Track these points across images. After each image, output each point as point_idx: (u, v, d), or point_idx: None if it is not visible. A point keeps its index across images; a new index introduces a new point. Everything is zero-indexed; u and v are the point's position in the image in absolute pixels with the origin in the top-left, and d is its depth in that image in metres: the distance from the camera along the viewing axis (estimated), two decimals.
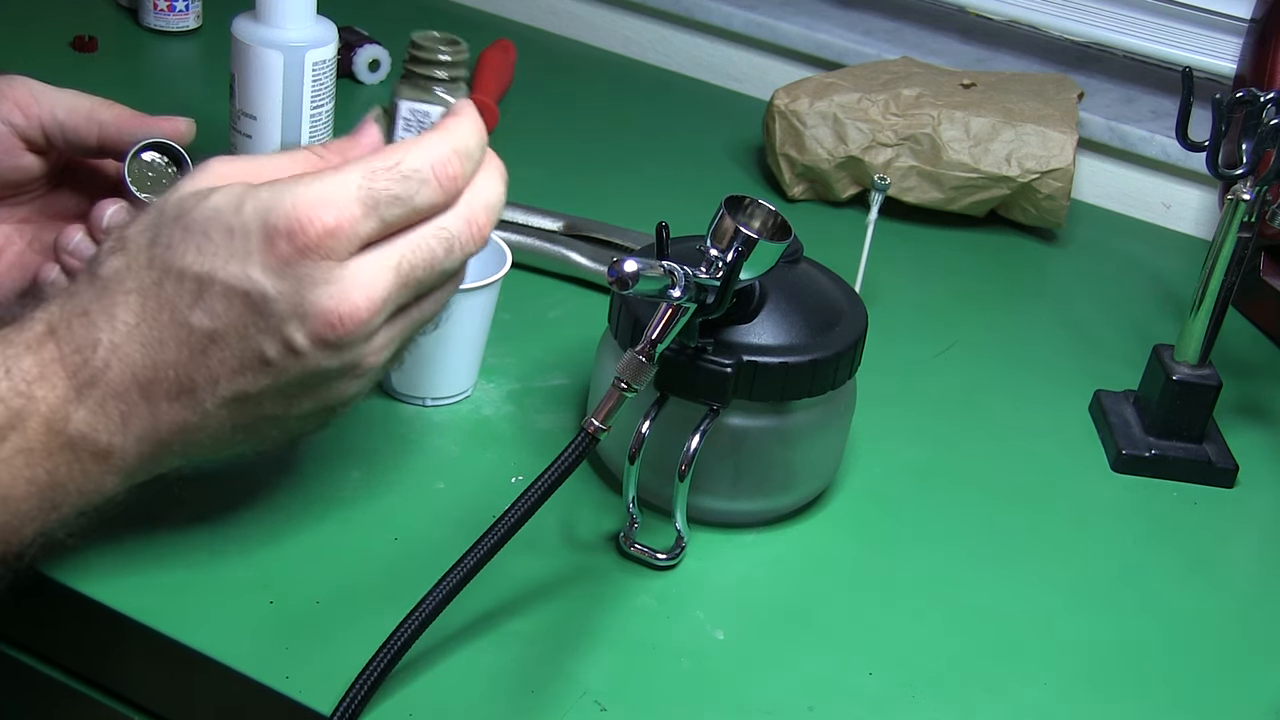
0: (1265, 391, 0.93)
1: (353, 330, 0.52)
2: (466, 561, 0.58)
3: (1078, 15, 1.22)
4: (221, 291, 0.52)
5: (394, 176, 0.52)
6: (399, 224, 0.53)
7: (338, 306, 0.51)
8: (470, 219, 0.55)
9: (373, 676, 0.57)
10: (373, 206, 0.52)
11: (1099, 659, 0.68)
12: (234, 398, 0.53)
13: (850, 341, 0.69)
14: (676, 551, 0.68)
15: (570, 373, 0.82)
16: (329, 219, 0.51)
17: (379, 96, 1.14)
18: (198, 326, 0.52)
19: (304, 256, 0.51)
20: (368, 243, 0.52)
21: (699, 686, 0.62)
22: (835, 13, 1.29)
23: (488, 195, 0.56)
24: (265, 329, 0.52)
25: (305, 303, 0.51)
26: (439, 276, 0.55)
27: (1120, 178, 1.19)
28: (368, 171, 0.52)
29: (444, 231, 0.54)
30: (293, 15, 0.83)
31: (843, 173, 1.06)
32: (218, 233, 0.52)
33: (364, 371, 0.55)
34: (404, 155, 0.53)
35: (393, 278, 0.53)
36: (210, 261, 0.52)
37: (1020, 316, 0.98)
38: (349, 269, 0.52)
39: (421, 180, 0.53)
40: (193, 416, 0.53)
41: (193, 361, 0.53)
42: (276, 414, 0.55)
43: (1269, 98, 0.76)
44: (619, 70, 1.29)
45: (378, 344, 0.54)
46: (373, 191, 0.52)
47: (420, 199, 0.53)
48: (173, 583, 0.62)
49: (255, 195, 0.52)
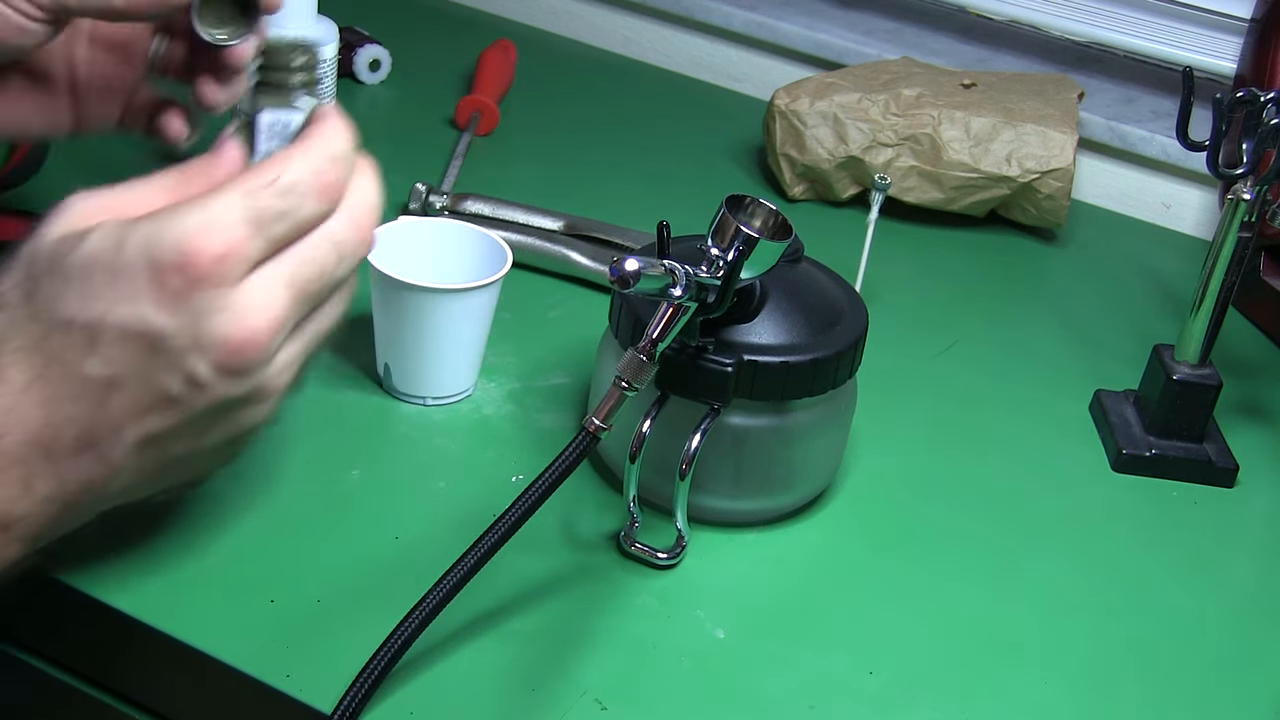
0: (1265, 391, 0.93)
1: (255, 354, 0.51)
2: (467, 561, 0.58)
3: (1078, 15, 1.22)
4: (115, 336, 0.50)
5: (275, 192, 0.51)
6: (286, 239, 0.52)
7: (238, 332, 0.50)
8: (355, 223, 0.54)
9: (373, 675, 0.57)
10: (258, 226, 0.50)
11: (1099, 659, 0.68)
12: (141, 443, 0.51)
13: (851, 341, 0.69)
14: (677, 551, 0.68)
15: (571, 372, 0.82)
16: (217, 245, 0.49)
17: (379, 96, 1.14)
18: (94, 376, 0.50)
19: (197, 287, 0.49)
20: (256, 263, 0.51)
21: (699, 685, 0.62)
22: (835, 13, 1.29)
23: (368, 197, 0.55)
24: (166, 366, 0.50)
25: (204, 334, 0.50)
26: (332, 286, 0.54)
27: (1120, 178, 1.19)
28: (247, 191, 0.50)
29: (331, 240, 0.53)
30: (294, 15, 0.83)
31: (843, 173, 1.06)
32: (101, 276, 0.50)
33: (269, 396, 0.53)
34: (281, 170, 0.51)
35: (288, 294, 0.51)
36: (97, 307, 0.50)
37: (1020, 316, 0.98)
38: (243, 292, 0.50)
39: (303, 193, 0.51)
40: (100, 470, 0.51)
41: (93, 413, 0.50)
42: (186, 452, 0.53)
43: (1269, 98, 0.76)
44: (619, 70, 1.29)
45: (281, 364, 0.53)
46: (256, 210, 0.50)
47: (304, 211, 0.52)
48: (173, 582, 0.62)
49: (135, 231, 0.50)
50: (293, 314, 0.52)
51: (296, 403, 0.75)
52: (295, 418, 0.75)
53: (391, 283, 0.73)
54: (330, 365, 0.79)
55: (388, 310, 0.75)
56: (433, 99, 1.14)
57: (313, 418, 0.75)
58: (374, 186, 0.55)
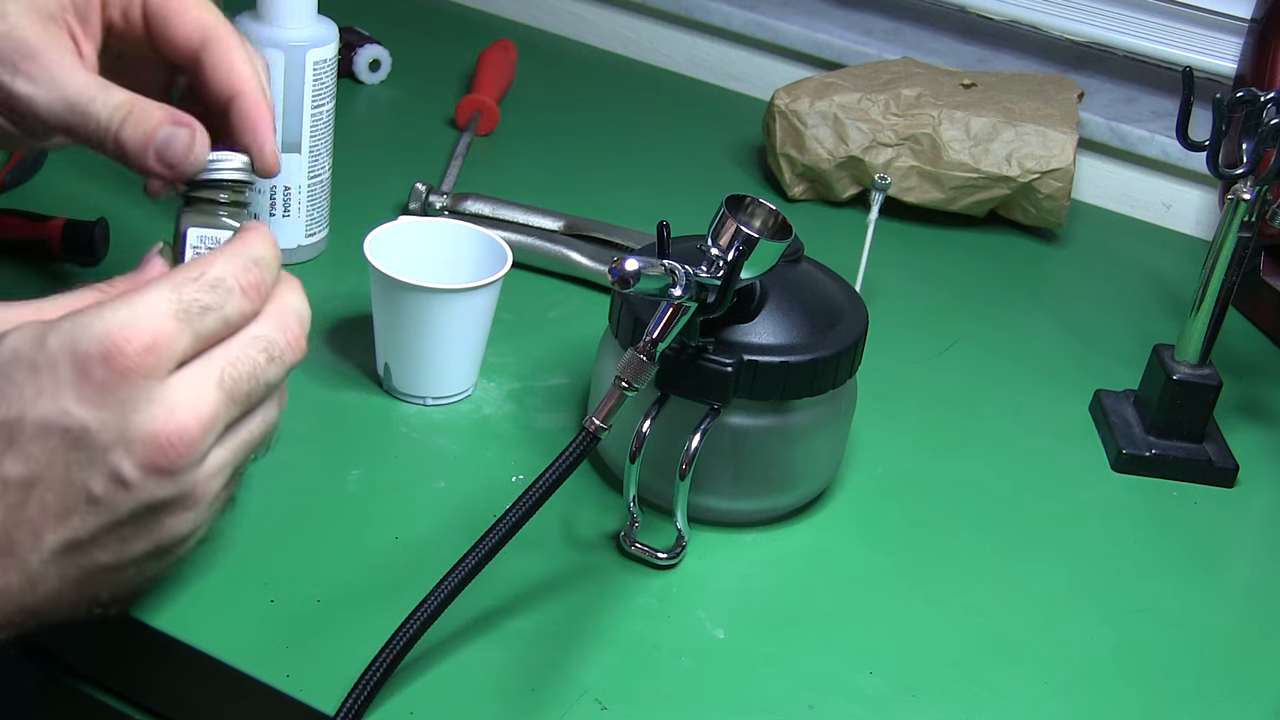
0: (1265, 391, 0.93)
1: (185, 453, 0.49)
2: (468, 561, 0.58)
3: (1078, 15, 1.22)
4: (34, 433, 0.47)
5: (201, 287, 0.50)
6: (213, 337, 0.50)
7: (165, 428, 0.48)
8: (284, 327, 0.53)
9: (376, 676, 0.57)
10: (186, 320, 0.49)
11: (1099, 658, 0.68)
12: (62, 548, 0.49)
13: (851, 341, 0.69)
14: (677, 551, 0.68)
15: (571, 372, 0.82)
16: (145, 336, 0.47)
17: (379, 96, 1.14)
18: (11, 476, 0.48)
19: (123, 379, 0.47)
20: (184, 359, 0.49)
21: (699, 685, 0.62)
22: (835, 13, 1.29)
23: (294, 305, 0.54)
24: (89, 463, 0.48)
25: (130, 428, 0.48)
26: (264, 389, 0.52)
27: (1120, 178, 1.19)
28: (174, 285, 0.49)
29: (260, 340, 0.52)
30: (294, 15, 0.83)
31: (843, 173, 1.06)
32: (21, 373, 0.48)
33: (198, 501, 0.51)
34: (206, 267, 0.50)
35: (218, 393, 0.50)
36: (16, 405, 0.48)
37: (1020, 316, 0.98)
38: (171, 387, 0.48)
39: (228, 289, 0.50)
40: (16, 577, 0.49)
41: (10, 516, 0.48)
42: (112, 561, 0.50)
43: (1269, 98, 0.76)
44: (619, 70, 1.29)
45: (210, 468, 0.50)
46: (183, 304, 0.49)
47: (230, 308, 0.50)
48: (173, 582, 0.62)
49: (57, 328, 0.48)
50: (224, 414, 0.50)
51: (296, 403, 0.76)
52: (295, 418, 0.75)
53: (391, 283, 0.73)
54: (330, 365, 0.79)
55: (388, 310, 0.75)
56: (433, 99, 1.14)
57: (313, 418, 0.75)
58: (300, 298, 0.54)
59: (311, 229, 0.88)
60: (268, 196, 0.86)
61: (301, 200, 0.87)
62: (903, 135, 1.04)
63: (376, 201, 0.96)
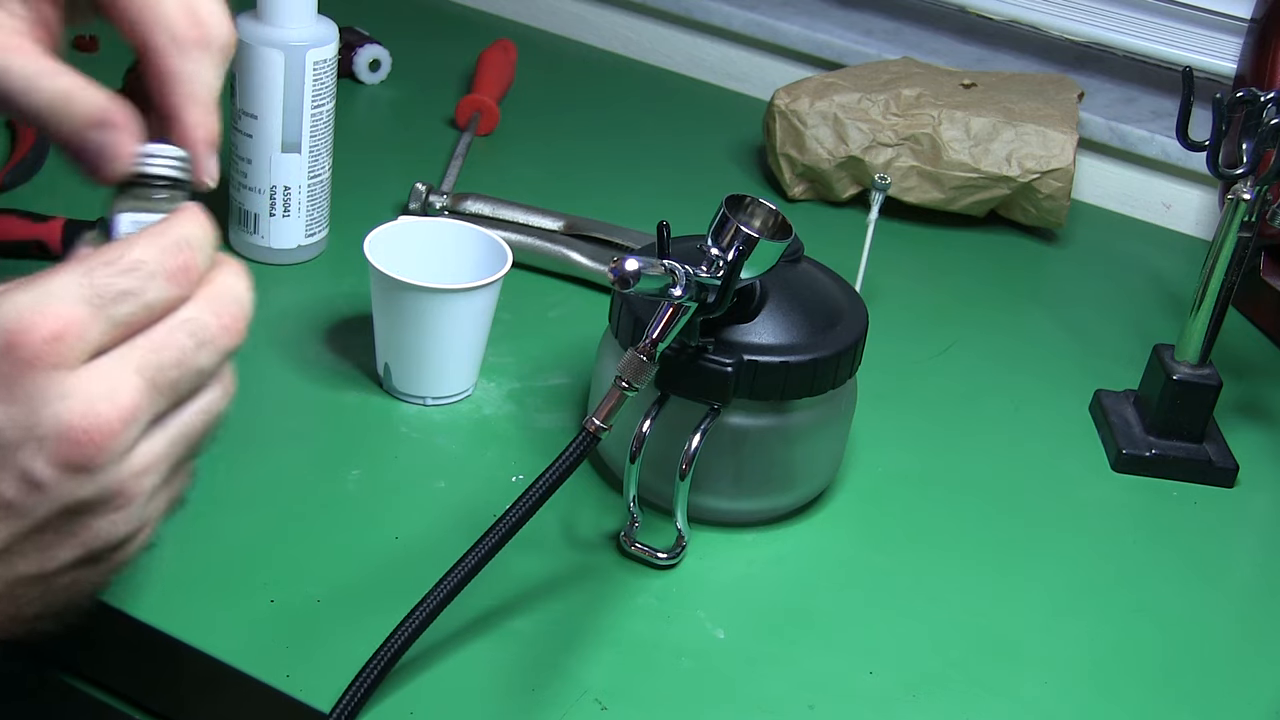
0: (1265, 391, 0.93)
1: (103, 447, 0.44)
2: (467, 560, 0.58)
3: (1078, 15, 1.22)
4: None
5: (117, 271, 0.45)
6: (134, 324, 0.46)
7: (80, 420, 0.44)
8: (217, 311, 0.48)
9: (372, 675, 0.57)
10: (99, 306, 0.45)
11: (1099, 659, 0.68)
12: None
13: (850, 341, 0.69)
14: (677, 551, 0.68)
15: (571, 372, 0.82)
16: (51, 324, 0.44)
17: (379, 96, 1.14)
18: None
19: (28, 370, 0.43)
20: (101, 348, 0.45)
21: (699, 685, 0.62)
22: (835, 13, 1.29)
23: (233, 289, 0.49)
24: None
25: (40, 423, 0.44)
26: (194, 376, 0.48)
27: (1120, 178, 1.19)
28: (86, 270, 0.45)
29: (188, 324, 0.47)
30: (294, 15, 0.83)
31: (843, 173, 1.06)
32: None
33: (128, 501, 0.46)
34: (125, 250, 0.46)
35: (138, 381, 0.45)
36: None
37: (1020, 316, 0.98)
38: (83, 378, 0.44)
39: (150, 273, 0.46)
40: None
41: None
42: (33, 572, 0.46)
43: (1269, 98, 0.76)
44: (619, 70, 1.30)
45: (138, 464, 0.46)
46: (96, 289, 0.45)
47: (151, 294, 0.46)
48: (173, 582, 0.62)
49: None
50: (147, 404, 0.46)
51: (296, 403, 0.76)
52: (295, 418, 0.75)
53: (391, 283, 0.73)
54: (330, 365, 0.79)
55: (388, 310, 0.75)
56: (433, 99, 1.14)
57: (313, 418, 0.75)
58: (240, 280, 0.50)
59: (311, 229, 0.88)
60: (268, 196, 0.86)
61: (301, 200, 0.87)
62: (903, 135, 1.04)
63: (376, 201, 0.96)
